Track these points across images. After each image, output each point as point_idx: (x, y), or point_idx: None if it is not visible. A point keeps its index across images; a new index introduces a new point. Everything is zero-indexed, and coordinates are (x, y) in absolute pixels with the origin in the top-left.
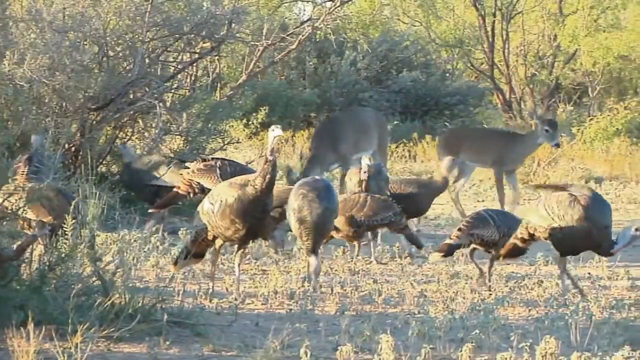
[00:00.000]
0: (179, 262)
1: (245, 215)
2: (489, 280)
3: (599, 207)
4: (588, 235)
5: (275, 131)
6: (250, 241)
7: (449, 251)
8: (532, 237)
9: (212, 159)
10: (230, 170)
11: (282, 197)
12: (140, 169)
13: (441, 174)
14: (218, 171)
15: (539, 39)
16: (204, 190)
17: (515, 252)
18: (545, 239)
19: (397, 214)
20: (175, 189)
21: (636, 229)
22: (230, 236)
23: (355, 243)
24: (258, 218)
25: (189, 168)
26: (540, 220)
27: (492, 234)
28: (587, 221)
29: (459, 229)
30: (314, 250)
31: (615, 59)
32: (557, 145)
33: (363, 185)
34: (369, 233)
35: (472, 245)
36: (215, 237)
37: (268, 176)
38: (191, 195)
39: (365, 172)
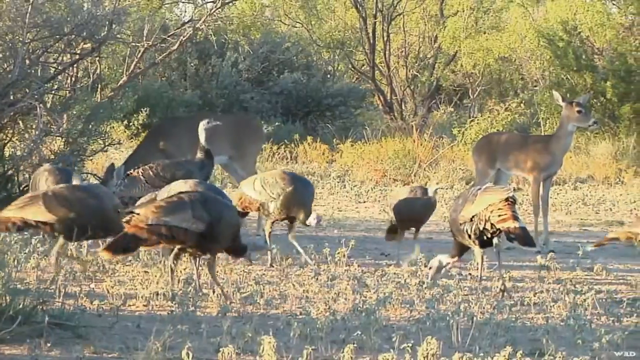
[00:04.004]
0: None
1: None
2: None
3: None
4: None
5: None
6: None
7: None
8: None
9: (134, 169)
10: (154, 172)
11: None
12: None
13: None
14: (143, 179)
15: (419, 41)
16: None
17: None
18: None
19: None
20: None
21: None
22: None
23: None
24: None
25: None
26: None
27: None
28: None
29: None
30: None
31: (496, 61)
32: (596, 123)
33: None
34: None
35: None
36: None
37: None
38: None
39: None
